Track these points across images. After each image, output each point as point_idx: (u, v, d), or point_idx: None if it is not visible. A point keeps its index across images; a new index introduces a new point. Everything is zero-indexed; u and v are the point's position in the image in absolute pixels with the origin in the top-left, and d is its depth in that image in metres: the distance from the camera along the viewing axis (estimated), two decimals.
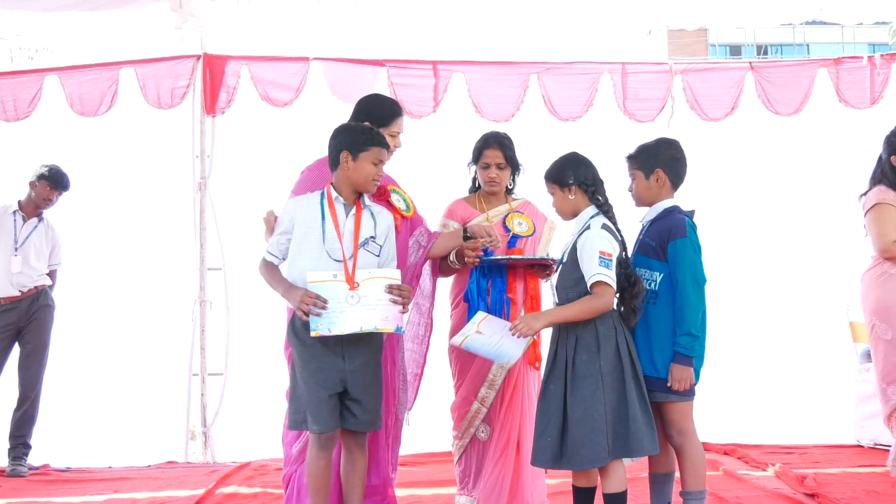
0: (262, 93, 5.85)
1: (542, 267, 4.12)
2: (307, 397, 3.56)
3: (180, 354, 5.81)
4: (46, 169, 5.39)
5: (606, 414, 3.51)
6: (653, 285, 3.68)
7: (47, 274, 5.49)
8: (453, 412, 4.26)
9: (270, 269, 3.71)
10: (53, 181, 5.38)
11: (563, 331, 3.64)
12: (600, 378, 3.55)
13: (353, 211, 3.63)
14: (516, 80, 5.98)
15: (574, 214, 3.70)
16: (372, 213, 3.68)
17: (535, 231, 4.28)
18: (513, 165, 4.29)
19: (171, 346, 5.85)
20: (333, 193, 3.64)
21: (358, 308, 3.50)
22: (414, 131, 4.50)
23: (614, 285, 3.58)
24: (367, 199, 3.70)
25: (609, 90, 6.02)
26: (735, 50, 28.17)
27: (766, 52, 27.59)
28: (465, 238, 3.96)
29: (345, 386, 3.57)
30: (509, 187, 4.34)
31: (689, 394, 3.65)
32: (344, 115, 4.23)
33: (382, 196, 3.93)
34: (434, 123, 5.88)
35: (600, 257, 3.55)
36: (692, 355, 3.60)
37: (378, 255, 3.64)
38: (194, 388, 5.80)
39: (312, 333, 3.46)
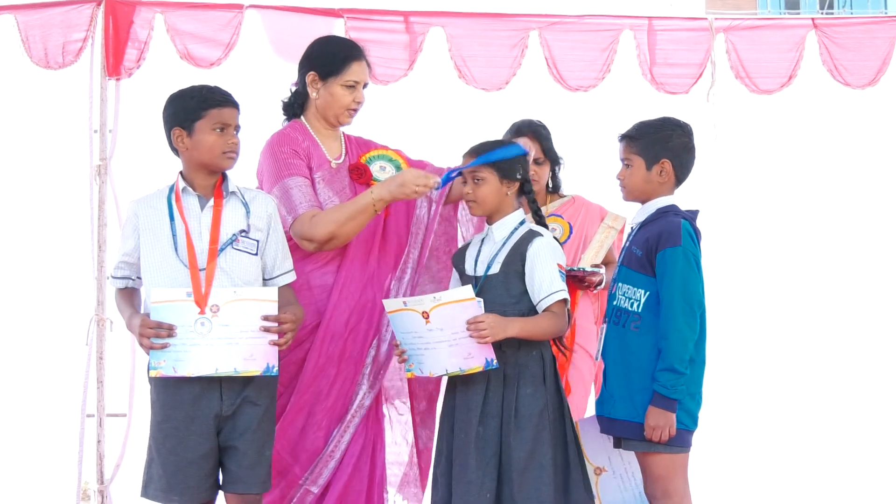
0: (181, 49, 5.82)
1: (579, 279, 4.45)
2: (165, 458, 3.53)
3: (70, 389, 5.76)
4: None
5: (553, 458, 3.72)
6: (635, 306, 3.76)
7: None
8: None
9: (123, 296, 3.73)
10: None
11: (497, 358, 3.74)
12: (547, 415, 3.75)
13: (211, 202, 3.63)
14: (512, 38, 5.98)
15: (491, 213, 3.90)
16: (243, 201, 3.68)
17: (570, 235, 4.44)
18: (552, 159, 4.49)
19: (59, 379, 5.80)
20: (181, 184, 3.66)
21: (214, 341, 3.47)
22: (380, 99, 4.53)
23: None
24: (232, 184, 3.70)
25: (631, 52, 6.03)
26: (792, 2, 28.34)
27: (831, 6, 27.80)
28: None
29: (219, 434, 3.56)
30: (551, 185, 4.52)
31: (679, 443, 3.72)
32: (288, 77, 4.23)
33: (362, 178, 3.99)
34: (406, 90, 5.88)
35: (559, 271, 3.81)
36: (674, 397, 3.66)
37: (255, 254, 3.64)
38: (89, 433, 5.75)
39: (151, 373, 3.47)
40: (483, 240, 3.95)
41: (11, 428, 5.77)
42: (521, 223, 3.89)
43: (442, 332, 3.70)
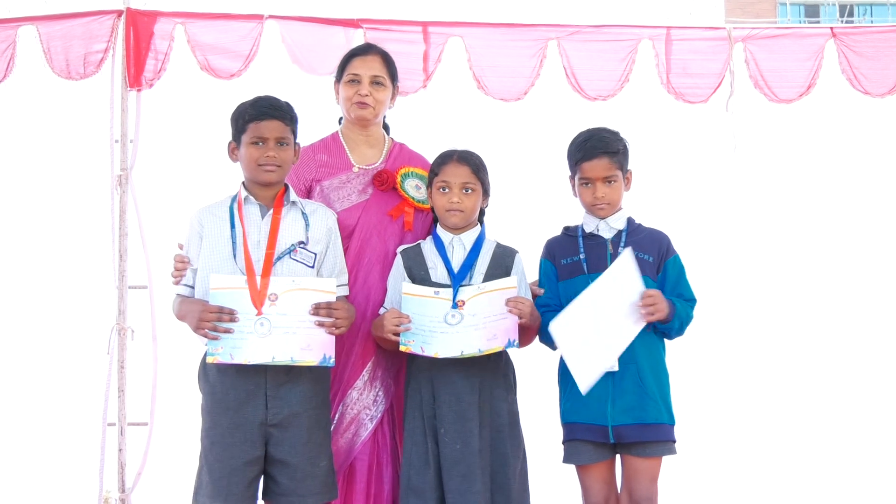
0: (201, 60, 5.86)
1: None
2: (211, 464, 3.56)
3: (92, 398, 5.79)
4: None
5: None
6: None
7: None
8: None
9: (182, 301, 3.75)
10: None
11: (474, 365, 3.80)
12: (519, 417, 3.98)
13: (270, 212, 3.65)
14: (531, 48, 6.00)
15: (466, 222, 3.99)
16: (303, 213, 3.70)
17: None
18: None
19: (81, 387, 5.82)
20: (243, 193, 3.68)
21: (272, 329, 3.48)
22: (398, 110, 4.53)
23: None
24: (294, 195, 3.73)
25: (650, 62, 6.04)
26: (811, 10, 28.26)
27: (851, 14, 27.68)
28: None
29: (266, 445, 3.56)
30: None
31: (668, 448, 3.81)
32: (308, 88, 4.26)
33: (384, 185, 4.02)
34: (424, 102, 5.91)
35: None
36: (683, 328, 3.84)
37: (312, 266, 3.66)
38: (110, 442, 5.77)
39: (209, 359, 3.49)
40: (445, 247, 3.98)
41: (33, 436, 5.80)
42: (482, 233, 4.02)
43: (473, 318, 3.74)
